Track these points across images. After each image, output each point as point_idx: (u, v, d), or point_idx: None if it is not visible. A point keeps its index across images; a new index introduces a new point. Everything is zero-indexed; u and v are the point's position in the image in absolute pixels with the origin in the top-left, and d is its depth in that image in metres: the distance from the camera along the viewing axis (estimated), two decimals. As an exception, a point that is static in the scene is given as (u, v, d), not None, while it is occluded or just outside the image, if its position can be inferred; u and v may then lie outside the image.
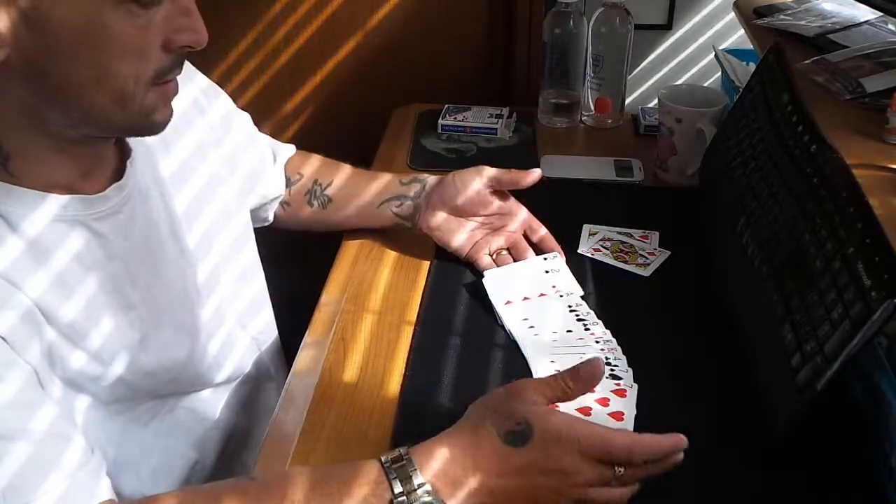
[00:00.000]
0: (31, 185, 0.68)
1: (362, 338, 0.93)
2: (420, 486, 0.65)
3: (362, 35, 1.56)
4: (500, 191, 1.00)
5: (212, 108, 0.93)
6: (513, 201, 1.02)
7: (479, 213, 1.00)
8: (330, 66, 1.59)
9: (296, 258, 1.13)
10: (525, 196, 1.02)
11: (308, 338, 0.93)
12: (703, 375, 0.85)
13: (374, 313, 0.97)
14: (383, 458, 0.66)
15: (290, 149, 1.10)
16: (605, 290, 0.97)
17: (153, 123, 0.70)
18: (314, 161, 1.09)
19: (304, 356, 0.91)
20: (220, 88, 0.98)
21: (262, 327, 0.99)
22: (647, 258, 1.02)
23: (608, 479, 0.67)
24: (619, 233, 1.07)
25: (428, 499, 0.64)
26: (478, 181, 0.98)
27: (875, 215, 0.69)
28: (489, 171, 0.99)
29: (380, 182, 1.06)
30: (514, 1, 1.50)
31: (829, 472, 0.74)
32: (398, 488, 0.64)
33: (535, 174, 0.97)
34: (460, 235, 1.01)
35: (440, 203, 1.00)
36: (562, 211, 1.12)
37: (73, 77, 0.64)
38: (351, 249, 1.08)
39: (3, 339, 0.63)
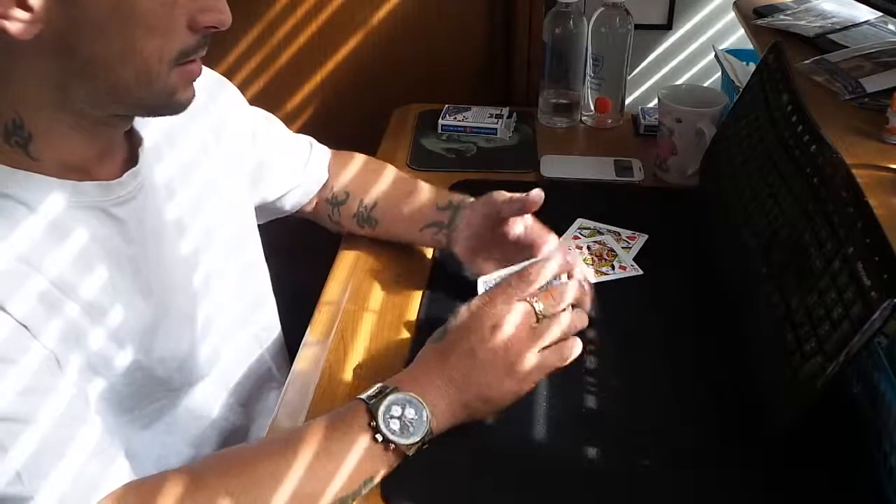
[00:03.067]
0: (50, 167, 0.69)
1: (362, 337, 0.93)
2: (389, 389, 0.73)
3: (362, 35, 1.56)
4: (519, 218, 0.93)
5: (216, 103, 0.92)
6: (536, 231, 0.94)
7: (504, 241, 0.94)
8: (330, 66, 1.59)
9: (303, 254, 1.13)
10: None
11: (308, 337, 0.93)
12: (703, 375, 0.85)
13: (374, 313, 0.97)
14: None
15: (325, 152, 1.09)
16: (605, 290, 0.97)
17: (176, 103, 0.72)
18: (351, 172, 1.08)
19: (305, 355, 0.91)
20: (227, 81, 0.98)
21: (265, 324, 0.98)
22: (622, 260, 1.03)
23: (529, 312, 0.76)
24: (609, 231, 1.07)
25: (400, 395, 0.72)
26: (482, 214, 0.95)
27: (875, 215, 0.69)
28: (494, 200, 0.94)
29: (420, 202, 1.02)
30: (514, 1, 1.50)
31: (829, 473, 0.74)
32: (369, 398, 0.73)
33: (535, 196, 0.90)
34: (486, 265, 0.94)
35: (468, 233, 0.96)
36: (561, 211, 1.12)
37: (101, 53, 0.65)
38: (352, 249, 1.08)
39: (20, 324, 0.64)
